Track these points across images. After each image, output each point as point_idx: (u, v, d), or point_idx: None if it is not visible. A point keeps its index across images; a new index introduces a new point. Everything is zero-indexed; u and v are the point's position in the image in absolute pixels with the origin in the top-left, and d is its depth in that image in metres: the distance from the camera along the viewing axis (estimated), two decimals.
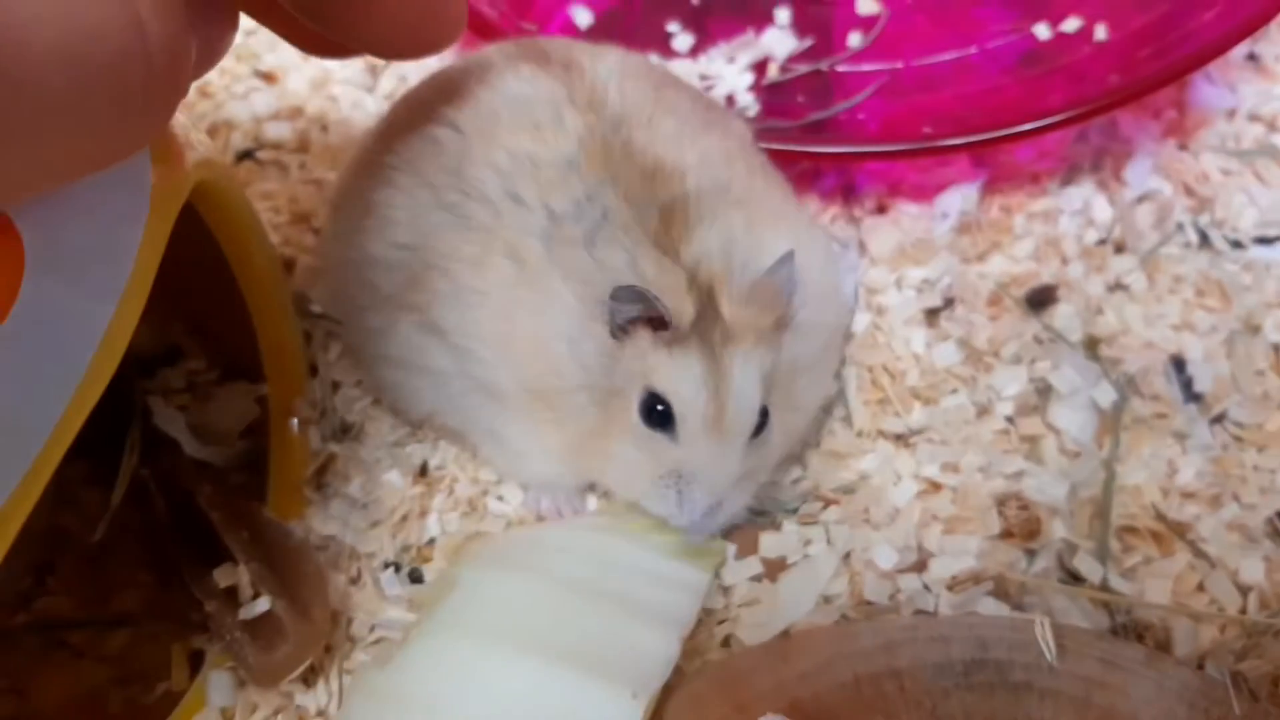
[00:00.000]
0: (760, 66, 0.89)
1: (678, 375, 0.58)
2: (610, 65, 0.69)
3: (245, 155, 0.86)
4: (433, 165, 0.65)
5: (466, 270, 0.63)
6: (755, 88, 0.87)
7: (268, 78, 0.91)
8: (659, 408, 0.59)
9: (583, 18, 0.91)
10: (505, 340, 0.62)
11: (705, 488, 0.60)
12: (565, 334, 0.61)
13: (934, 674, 0.59)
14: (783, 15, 0.92)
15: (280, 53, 0.92)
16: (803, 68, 0.88)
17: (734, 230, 0.63)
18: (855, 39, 0.90)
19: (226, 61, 0.89)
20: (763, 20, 0.92)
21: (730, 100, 0.86)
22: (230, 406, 0.73)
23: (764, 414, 0.61)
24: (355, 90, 0.90)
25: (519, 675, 0.58)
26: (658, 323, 0.58)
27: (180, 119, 0.60)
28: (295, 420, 0.72)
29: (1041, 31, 0.88)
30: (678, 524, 0.62)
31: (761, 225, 0.64)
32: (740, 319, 0.59)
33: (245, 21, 0.92)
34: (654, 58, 0.88)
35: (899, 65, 0.87)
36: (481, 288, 0.62)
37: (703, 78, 0.88)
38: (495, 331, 0.63)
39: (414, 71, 0.91)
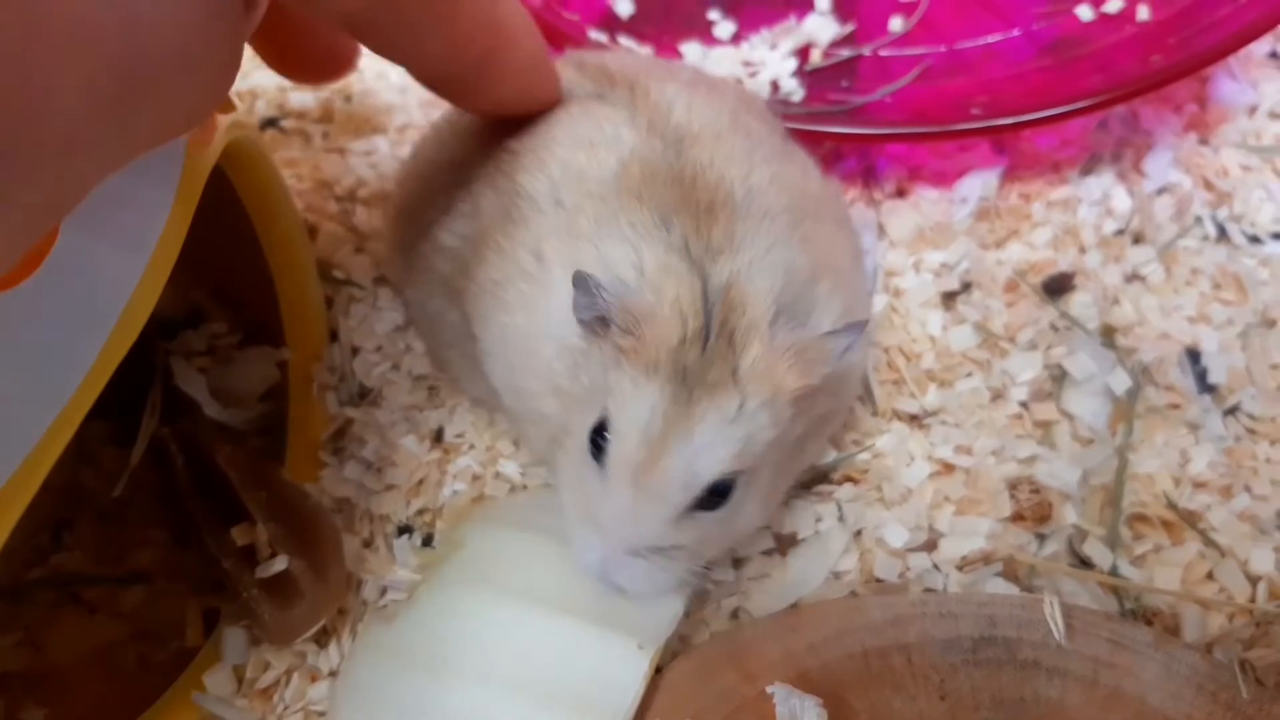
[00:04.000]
0: (803, 52, 0.89)
1: (627, 405, 0.51)
2: (679, 85, 0.65)
3: (269, 123, 0.86)
4: (497, 174, 0.64)
5: (494, 259, 0.62)
6: (799, 73, 0.87)
7: None
8: (604, 437, 0.53)
9: (624, 8, 0.91)
10: (501, 333, 0.61)
11: (605, 538, 0.54)
12: (548, 331, 0.57)
13: (942, 650, 0.60)
14: (823, 1, 0.91)
15: None
16: (845, 52, 0.88)
17: (795, 268, 0.56)
18: (896, 23, 0.89)
19: None
20: (803, 6, 0.91)
21: (774, 86, 0.86)
22: (251, 370, 0.73)
23: (725, 485, 0.53)
24: (379, 62, 0.90)
25: (526, 627, 0.59)
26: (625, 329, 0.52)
27: None
28: (309, 387, 0.73)
29: (1084, 13, 0.88)
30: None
31: (824, 278, 0.59)
32: (761, 370, 0.51)
33: None
34: (697, 46, 0.88)
35: (941, 49, 0.87)
36: (498, 278, 0.61)
37: (746, 64, 0.88)
38: (496, 322, 0.61)
39: None
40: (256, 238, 0.71)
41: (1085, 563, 0.66)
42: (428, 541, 0.68)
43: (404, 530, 0.68)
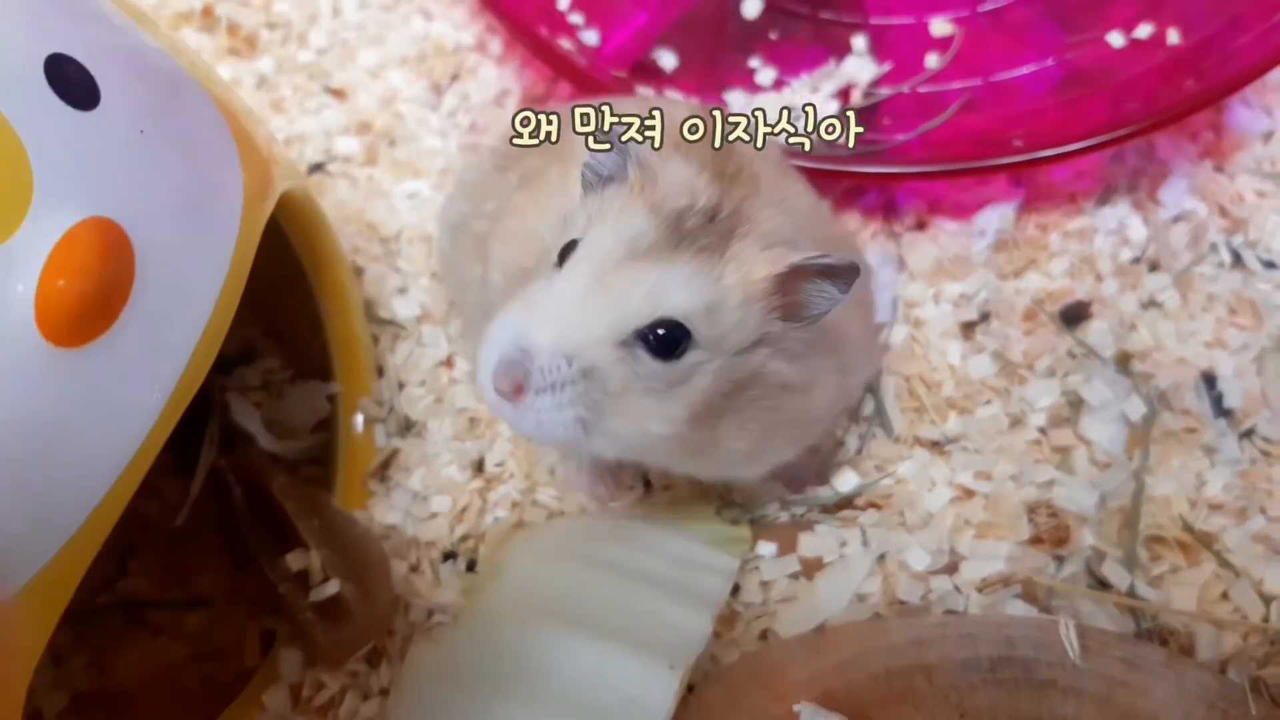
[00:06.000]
0: (845, 94, 0.90)
1: (615, 219, 0.51)
2: None
3: (316, 168, 0.90)
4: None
5: (523, 192, 0.65)
6: (842, 115, 0.88)
7: (338, 94, 0.96)
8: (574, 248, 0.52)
9: (667, 60, 0.93)
10: (514, 235, 0.63)
11: (538, 324, 0.50)
12: (558, 217, 0.58)
13: (961, 669, 0.62)
14: (859, 42, 0.93)
15: (350, 71, 0.97)
16: (885, 91, 0.90)
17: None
18: (933, 60, 0.91)
19: (299, 78, 0.95)
20: (841, 49, 0.93)
21: None
22: (302, 403, 0.77)
23: (678, 343, 0.50)
24: (420, 108, 0.94)
25: (565, 650, 0.62)
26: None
27: (263, 130, 0.65)
28: (360, 417, 0.77)
29: (1115, 40, 0.88)
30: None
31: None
32: (744, 258, 0.52)
33: (316, 40, 0.98)
34: (740, 94, 0.90)
35: (978, 82, 0.88)
36: (520, 200, 0.64)
37: (787, 109, 0.89)
38: (511, 231, 0.64)
39: (476, 92, 0.96)
40: (306, 278, 0.75)
41: (1103, 584, 0.69)
42: (471, 567, 0.71)
43: (449, 556, 0.72)
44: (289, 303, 0.76)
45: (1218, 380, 0.77)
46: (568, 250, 0.52)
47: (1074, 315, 0.80)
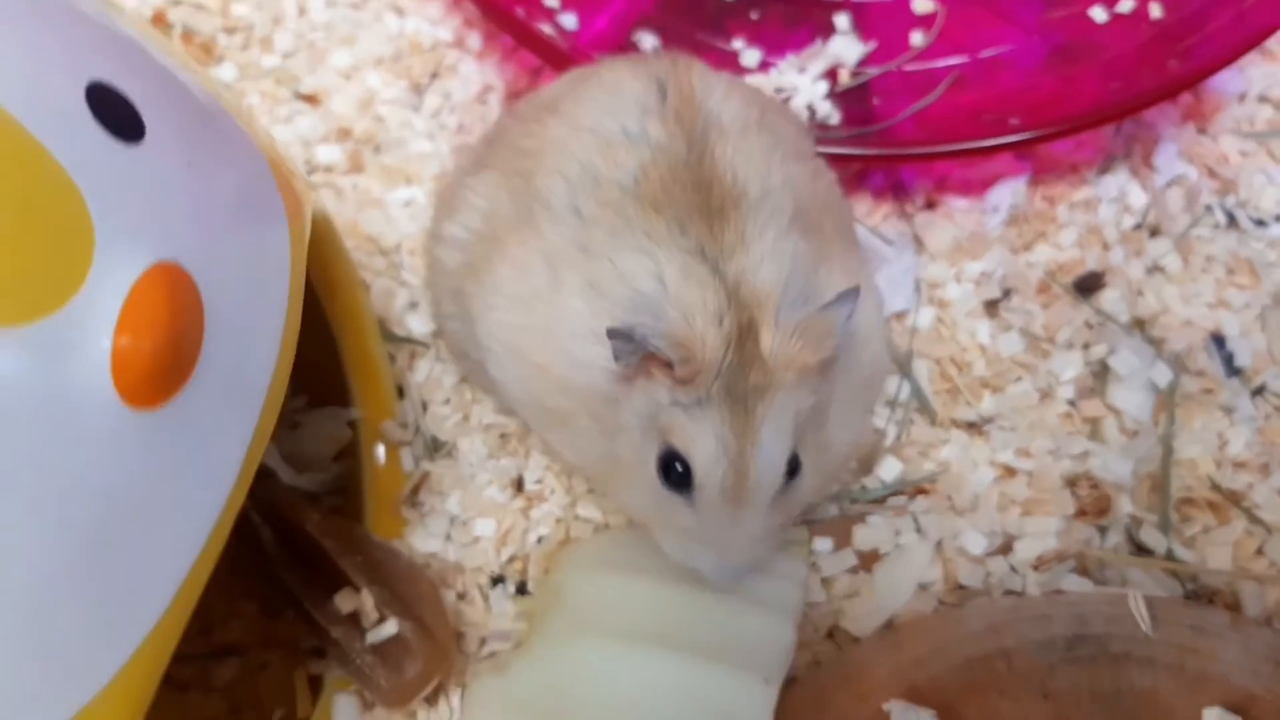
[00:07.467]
0: (832, 74, 0.89)
1: (698, 439, 0.54)
2: (717, 79, 0.65)
3: None
4: (514, 174, 0.64)
5: (506, 269, 0.61)
6: (831, 95, 0.87)
7: (310, 100, 0.90)
8: (678, 468, 0.55)
9: (648, 43, 0.90)
10: (517, 352, 0.61)
11: (720, 553, 0.57)
12: (571, 354, 0.57)
13: (1039, 651, 0.63)
14: (842, 21, 0.91)
15: (321, 74, 0.91)
16: (873, 70, 0.88)
17: (799, 258, 0.58)
18: (917, 38, 0.90)
19: (266, 84, 0.89)
20: (825, 28, 0.91)
21: (811, 110, 0.86)
22: (321, 432, 0.73)
23: (794, 462, 0.56)
24: (402, 110, 0.89)
25: (650, 671, 0.60)
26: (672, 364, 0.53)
27: (279, 148, 0.60)
28: (382, 445, 0.73)
29: (1098, 14, 0.89)
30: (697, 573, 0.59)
31: (827, 264, 0.61)
32: (783, 354, 0.53)
33: (282, 43, 0.92)
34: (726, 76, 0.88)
35: (964, 58, 0.88)
36: (511, 291, 0.61)
37: (778, 90, 0.88)
38: (510, 341, 0.61)
39: (458, 90, 0.91)
40: (316, 299, 0.70)
41: (1142, 549, 0.70)
42: (522, 589, 0.69)
43: (497, 580, 0.69)
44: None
45: (1226, 340, 0.79)
46: (671, 464, 0.55)
47: (1088, 285, 0.81)
